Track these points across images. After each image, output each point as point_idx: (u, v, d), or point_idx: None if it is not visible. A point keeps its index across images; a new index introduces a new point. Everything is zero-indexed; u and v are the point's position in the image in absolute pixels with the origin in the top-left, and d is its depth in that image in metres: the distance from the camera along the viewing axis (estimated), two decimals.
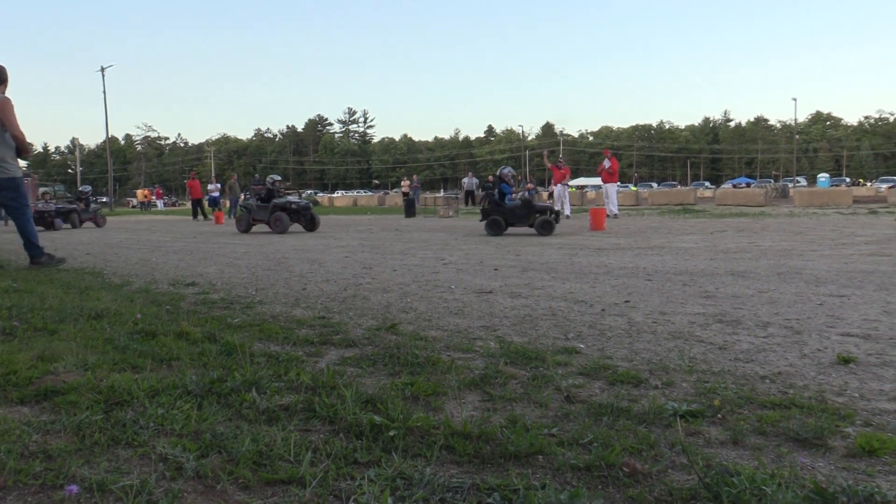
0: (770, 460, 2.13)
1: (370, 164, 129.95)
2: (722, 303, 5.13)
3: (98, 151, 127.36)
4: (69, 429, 2.37)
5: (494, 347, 3.72)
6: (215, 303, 5.44)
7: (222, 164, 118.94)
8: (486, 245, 11.45)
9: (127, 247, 12.76)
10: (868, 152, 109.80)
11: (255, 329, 4.23)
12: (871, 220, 16.86)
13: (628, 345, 3.80)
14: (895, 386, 2.92)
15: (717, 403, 2.65)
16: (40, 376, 2.97)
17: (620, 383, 3.00)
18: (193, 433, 2.33)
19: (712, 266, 7.58)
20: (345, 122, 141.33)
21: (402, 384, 2.92)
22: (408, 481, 1.98)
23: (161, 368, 3.23)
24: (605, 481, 2.00)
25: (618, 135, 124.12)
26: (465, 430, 2.31)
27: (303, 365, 3.31)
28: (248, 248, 11.65)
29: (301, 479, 1.98)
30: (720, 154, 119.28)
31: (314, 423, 2.48)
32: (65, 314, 4.55)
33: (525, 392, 2.86)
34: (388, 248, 11.09)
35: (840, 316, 4.53)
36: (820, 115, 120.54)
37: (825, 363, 3.33)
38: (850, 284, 5.95)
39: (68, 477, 1.99)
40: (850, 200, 28.23)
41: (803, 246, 10.03)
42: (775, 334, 4.01)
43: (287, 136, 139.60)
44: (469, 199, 36.51)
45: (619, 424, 2.43)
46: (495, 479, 1.98)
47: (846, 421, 2.47)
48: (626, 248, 10.24)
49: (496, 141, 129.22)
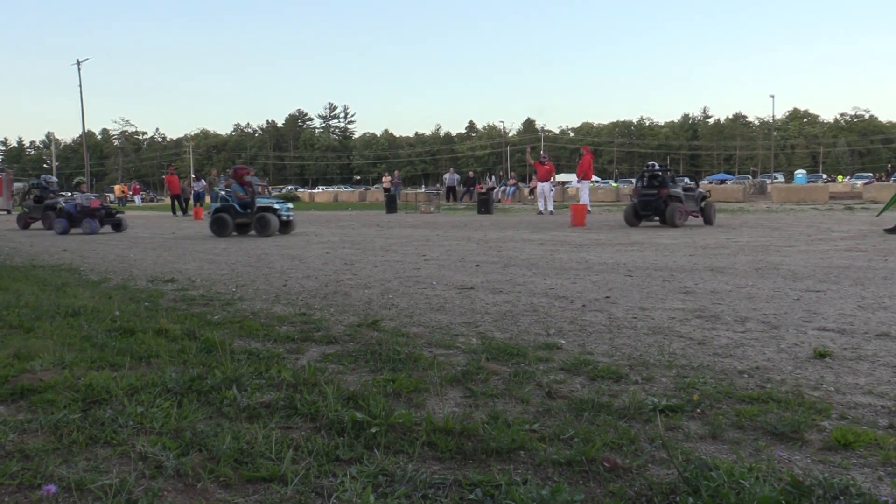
0: (748, 454, 2.16)
1: (351, 159, 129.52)
2: (701, 298, 5.18)
3: (74, 146, 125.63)
4: (46, 428, 2.34)
5: (476, 344, 3.73)
6: (195, 300, 5.40)
7: (201, 160, 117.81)
8: (468, 241, 11.46)
9: (104, 243, 12.61)
10: (844, 149, 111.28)
11: (235, 326, 4.21)
12: (846, 216, 17.10)
13: (609, 340, 3.83)
14: (870, 380, 2.97)
15: (697, 398, 2.68)
16: (16, 374, 2.94)
17: (601, 379, 3.02)
18: (173, 431, 2.32)
19: (691, 262, 7.65)
20: (325, 118, 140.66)
21: (383, 381, 2.92)
22: (390, 478, 1.98)
23: (140, 366, 3.20)
24: (586, 476, 2.01)
25: (598, 131, 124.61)
26: (447, 427, 2.31)
27: (284, 362, 3.30)
28: (228, 245, 11.57)
29: (283, 477, 1.98)
30: (699, 150, 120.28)
31: (295, 420, 2.48)
32: (41, 311, 4.49)
33: (507, 388, 2.87)
34: (370, 245, 11.07)
35: (816, 311, 4.59)
36: (797, 112, 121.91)
37: (802, 357, 3.38)
38: (826, 280, 6.04)
39: (46, 476, 1.97)
40: (827, 197, 28.60)
41: (781, 242, 10.15)
42: (753, 329, 4.06)
43: (267, 131, 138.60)
44: (450, 195, 36.50)
45: (599, 420, 2.45)
46: (477, 475, 1.99)
47: (822, 415, 2.51)
48: (607, 245, 10.30)
49: (477, 137, 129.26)
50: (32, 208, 18.96)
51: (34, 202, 19.03)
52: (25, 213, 19.31)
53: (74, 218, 16.14)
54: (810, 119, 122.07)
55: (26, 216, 19.12)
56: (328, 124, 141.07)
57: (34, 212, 18.86)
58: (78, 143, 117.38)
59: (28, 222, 19.06)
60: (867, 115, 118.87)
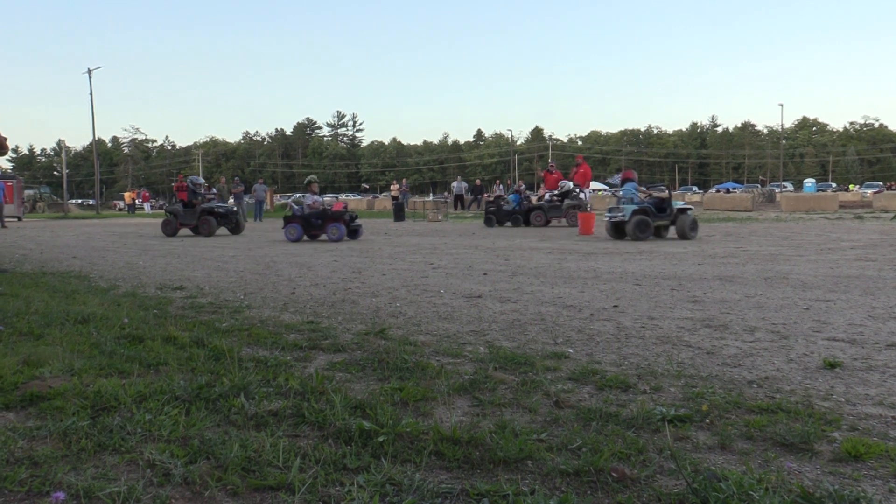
0: (757, 465, 2.14)
1: (359, 167, 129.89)
2: (709, 308, 5.16)
3: (85, 153, 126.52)
4: (55, 435, 2.35)
5: (484, 352, 3.73)
6: (203, 307, 5.42)
7: (210, 167, 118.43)
8: (476, 250, 11.46)
9: (113, 250, 12.67)
10: (853, 158, 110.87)
11: (243, 334, 4.22)
12: (856, 225, 17.01)
13: (617, 350, 3.82)
14: (880, 390, 2.95)
15: (705, 408, 2.66)
16: (26, 381, 2.95)
17: (609, 388, 3.01)
18: (181, 439, 2.32)
19: (700, 271, 7.62)
20: (334, 126, 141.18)
21: (391, 389, 2.92)
22: (397, 487, 1.98)
23: (148, 373, 3.21)
24: (594, 486, 2.00)
25: (606, 139, 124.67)
26: (454, 436, 2.31)
27: (291, 370, 3.30)
28: (236, 252, 11.60)
29: (290, 486, 1.98)
30: (708, 159, 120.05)
31: (303, 428, 2.48)
32: (51, 318, 4.52)
33: (514, 397, 2.86)
34: (377, 253, 11.08)
35: (826, 321, 4.57)
36: (806, 121, 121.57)
37: (811, 368, 3.36)
38: (835, 289, 6.00)
39: (54, 483, 1.97)
40: (836, 206, 28.47)
41: (790, 251, 10.11)
42: (762, 339, 4.04)
43: (276, 139, 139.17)
44: (458, 203, 36.52)
45: (607, 429, 2.44)
46: (485, 485, 1.98)
47: (832, 426, 2.49)
48: (615, 253, 10.28)
49: (485, 145, 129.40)
50: (182, 213, 17.20)
51: (183, 206, 17.32)
52: (173, 219, 17.32)
53: (312, 223, 14.41)
54: (819, 127, 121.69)
55: (176, 222, 17.22)
56: (336, 132, 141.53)
57: (186, 217, 17.16)
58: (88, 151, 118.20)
59: (177, 228, 17.24)
60: (877, 123, 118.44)
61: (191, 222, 17.24)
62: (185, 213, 17.31)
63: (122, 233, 20.24)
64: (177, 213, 17.40)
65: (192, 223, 17.20)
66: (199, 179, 18.29)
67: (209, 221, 16.89)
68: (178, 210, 17.39)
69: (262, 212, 29.54)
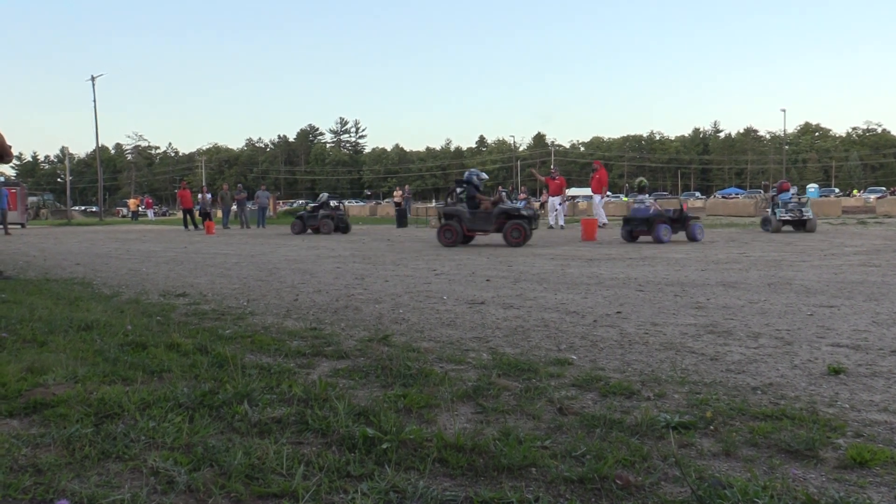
0: (762, 472, 2.13)
1: (361, 174, 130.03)
2: (713, 313, 5.15)
3: (88, 161, 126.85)
4: (59, 442, 2.35)
5: (487, 359, 3.72)
6: (206, 314, 5.42)
7: (213, 174, 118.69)
8: (479, 256, 11.46)
9: (117, 257, 12.69)
10: (856, 163, 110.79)
11: (246, 340, 4.22)
12: (860, 230, 16.99)
13: (620, 356, 3.81)
14: (885, 396, 2.94)
15: (710, 415, 2.65)
16: (30, 389, 2.95)
17: (613, 395, 3.00)
18: (185, 446, 2.32)
19: (703, 277, 7.61)
20: (336, 132, 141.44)
21: (394, 396, 2.92)
22: (401, 494, 1.98)
23: (152, 381, 3.21)
24: (599, 494, 2.00)
25: (609, 145, 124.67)
26: (458, 443, 2.30)
27: (295, 377, 3.30)
28: (239, 259, 11.62)
29: (294, 493, 1.97)
30: (710, 165, 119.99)
31: (307, 435, 2.47)
32: (54, 325, 4.52)
33: (518, 404, 2.86)
34: (380, 259, 11.08)
35: (830, 326, 4.55)
36: (809, 126, 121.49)
37: (816, 374, 3.35)
38: (839, 295, 5.99)
39: (58, 491, 1.97)
40: (840, 211, 28.44)
41: (793, 256, 10.09)
42: (766, 345, 4.03)
43: (278, 145, 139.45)
44: None
45: (611, 436, 2.43)
46: (489, 492, 1.98)
47: (837, 432, 2.48)
48: (618, 259, 10.27)
49: (487, 151, 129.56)
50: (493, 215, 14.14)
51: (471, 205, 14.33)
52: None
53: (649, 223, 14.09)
54: (822, 133, 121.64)
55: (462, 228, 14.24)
56: (339, 139, 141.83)
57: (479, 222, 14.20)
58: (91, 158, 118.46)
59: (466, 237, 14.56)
60: (879, 128, 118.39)
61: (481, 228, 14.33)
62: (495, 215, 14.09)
63: (125, 239, 20.28)
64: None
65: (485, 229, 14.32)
66: (484, 174, 15.49)
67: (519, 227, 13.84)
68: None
69: (265, 218, 29.61)
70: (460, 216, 14.08)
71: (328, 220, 22.07)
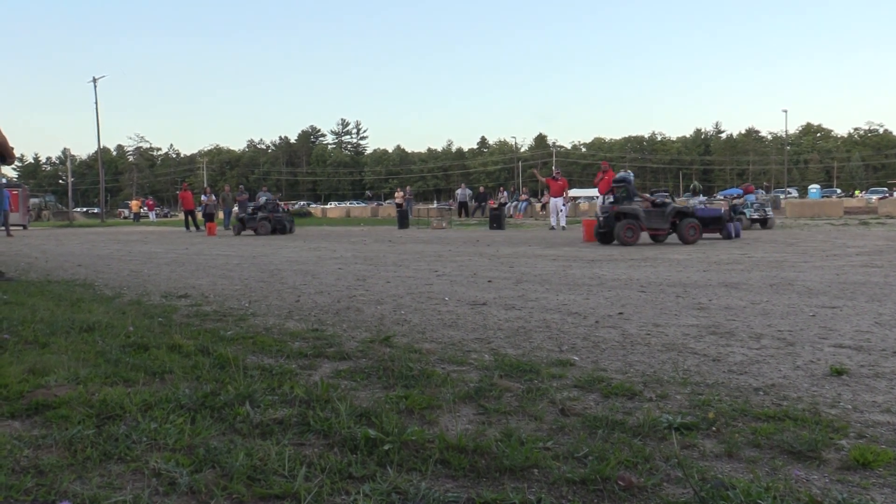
0: (765, 473, 2.13)
1: (363, 175, 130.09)
2: (715, 314, 5.15)
3: (90, 162, 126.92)
4: (61, 443, 2.35)
5: (489, 360, 3.72)
6: (208, 315, 5.42)
7: (215, 176, 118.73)
8: (480, 257, 11.45)
9: (118, 258, 12.70)
10: (858, 163, 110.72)
11: (248, 342, 4.22)
12: (862, 231, 16.97)
13: (622, 357, 3.81)
14: (888, 398, 2.93)
15: (712, 416, 2.65)
16: (31, 390, 2.95)
17: (615, 396, 3.00)
18: (187, 448, 2.32)
19: (705, 277, 7.60)
20: (338, 134, 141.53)
21: (396, 397, 2.92)
22: (403, 496, 1.97)
23: (154, 382, 3.21)
24: (601, 495, 1.99)
25: (610, 146, 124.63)
26: (460, 444, 2.30)
27: (297, 378, 3.30)
28: (241, 260, 11.62)
29: (296, 494, 1.97)
30: (712, 165, 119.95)
31: (308, 437, 2.47)
32: (56, 327, 4.52)
33: (520, 405, 2.85)
34: (382, 260, 11.08)
35: (832, 327, 4.55)
36: (810, 127, 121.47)
37: (818, 375, 3.34)
38: (841, 296, 5.98)
39: (60, 492, 1.97)
40: (842, 212, 28.42)
41: (795, 257, 10.08)
42: (768, 346, 4.02)
43: (280, 147, 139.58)
44: (462, 210, 36.54)
45: (613, 437, 2.43)
46: (491, 494, 1.97)
47: (840, 433, 2.47)
48: (620, 260, 10.26)
49: (489, 152, 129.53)
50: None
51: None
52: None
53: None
54: (824, 133, 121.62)
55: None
56: (340, 140, 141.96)
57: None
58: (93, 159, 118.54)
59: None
60: (881, 129, 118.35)
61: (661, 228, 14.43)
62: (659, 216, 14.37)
63: (126, 241, 20.30)
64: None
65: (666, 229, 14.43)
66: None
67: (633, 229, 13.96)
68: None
69: None
70: (637, 215, 14.05)
71: (266, 221, 22.88)
